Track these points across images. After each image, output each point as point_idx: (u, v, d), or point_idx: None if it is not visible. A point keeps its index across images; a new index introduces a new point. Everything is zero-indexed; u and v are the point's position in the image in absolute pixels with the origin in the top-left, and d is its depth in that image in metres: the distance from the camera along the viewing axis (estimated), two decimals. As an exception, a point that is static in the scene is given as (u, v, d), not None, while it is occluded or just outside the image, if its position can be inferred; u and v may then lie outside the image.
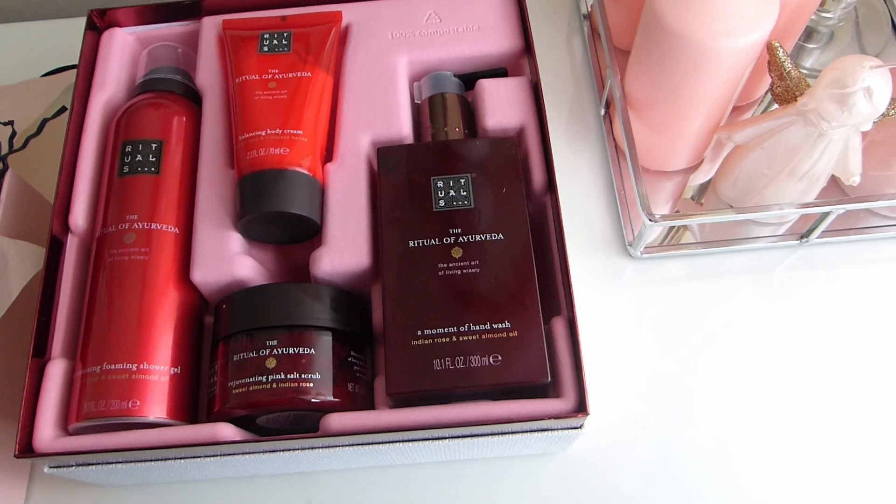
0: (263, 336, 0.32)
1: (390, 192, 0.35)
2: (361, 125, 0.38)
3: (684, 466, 0.38)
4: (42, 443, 0.31)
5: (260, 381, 0.31)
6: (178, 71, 0.40)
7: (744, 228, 0.43)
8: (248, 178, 0.35)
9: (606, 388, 0.39)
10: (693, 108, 0.39)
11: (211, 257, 0.35)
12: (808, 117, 0.35)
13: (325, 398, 0.32)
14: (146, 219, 0.35)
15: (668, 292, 0.42)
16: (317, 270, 0.35)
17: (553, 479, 0.38)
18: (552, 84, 0.48)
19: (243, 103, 0.37)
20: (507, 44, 0.41)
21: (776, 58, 0.37)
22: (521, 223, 0.34)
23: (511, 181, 0.35)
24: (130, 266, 0.34)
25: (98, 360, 0.32)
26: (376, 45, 0.40)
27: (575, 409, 0.31)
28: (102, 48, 0.41)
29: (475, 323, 0.32)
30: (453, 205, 0.34)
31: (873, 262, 0.42)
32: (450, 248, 0.33)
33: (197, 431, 0.31)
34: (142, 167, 0.36)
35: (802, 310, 0.41)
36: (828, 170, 0.38)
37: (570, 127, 0.47)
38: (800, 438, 0.38)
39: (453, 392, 0.31)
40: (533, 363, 0.31)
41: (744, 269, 0.42)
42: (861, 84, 0.33)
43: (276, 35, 0.39)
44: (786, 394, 0.39)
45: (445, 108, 0.39)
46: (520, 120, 0.38)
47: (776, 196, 0.40)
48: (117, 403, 0.32)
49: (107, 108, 0.39)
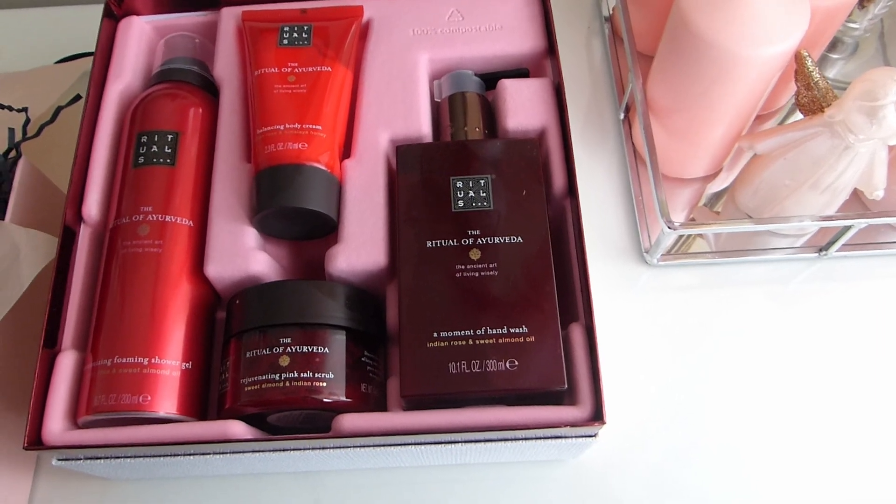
0: (277, 333, 0.32)
1: (409, 190, 0.35)
2: (381, 122, 0.38)
3: (696, 476, 0.37)
4: (51, 435, 0.31)
5: (273, 379, 0.31)
6: (196, 62, 0.40)
7: (761, 239, 0.42)
8: (265, 173, 0.35)
9: (619, 396, 0.38)
10: (717, 116, 0.39)
11: (225, 252, 0.34)
12: (834, 129, 0.35)
13: (337, 398, 0.31)
14: (160, 211, 0.35)
15: (684, 300, 0.41)
16: (332, 268, 0.35)
17: (563, 487, 0.37)
18: (570, 86, 0.47)
19: (262, 96, 0.36)
20: (529, 44, 0.40)
21: (804, 67, 0.36)
22: (540, 227, 0.34)
23: (531, 183, 0.35)
24: (144, 258, 0.34)
25: (109, 353, 0.32)
26: (397, 42, 0.40)
27: (591, 418, 0.31)
28: (119, 36, 0.40)
29: (492, 326, 0.31)
30: (472, 206, 0.34)
31: (892, 277, 0.42)
32: (468, 250, 0.33)
33: (207, 428, 0.31)
34: (157, 158, 0.36)
35: (818, 323, 0.41)
36: (852, 183, 0.37)
37: (588, 130, 0.47)
38: (812, 450, 0.38)
39: (468, 396, 0.31)
40: (549, 369, 0.31)
41: (760, 279, 0.42)
42: (892, 97, 0.32)
43: (297, 28, 0.39)
44: (799, 406, 0.39)
45: (466, 108, 0.38)
46: (541, 122, 0.38)
47: (797, 207, 0.39)
48: (128, 398, 0.31)
49: (122, 97, 0.39)
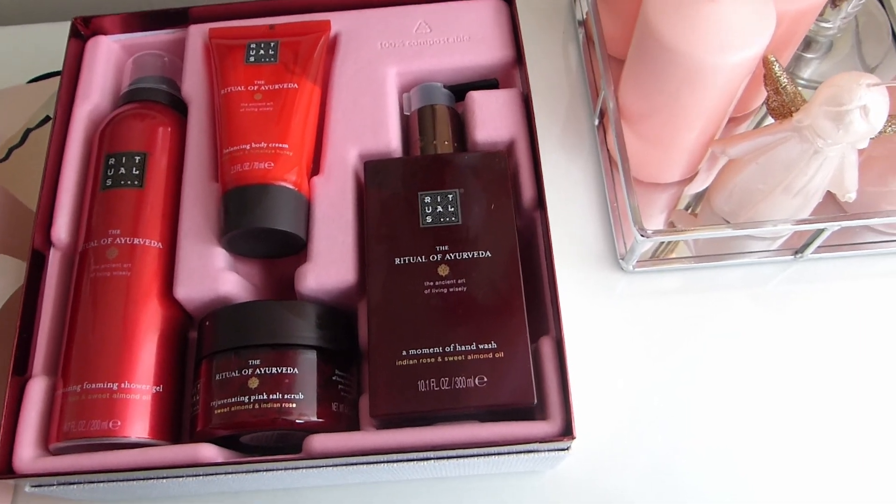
0: (246, 355, 0.32)
1: (377, 207, 0.35)
2: (349, 138, 0.37)
3: (676, 483, 0.37)
4: (22, 463, 0.31)
5: (242, 402, 0.31)
6: (164, 80, 0.39)
7: (738, 242, 0.42)
8: (232, 193, 0.35)
9: (597, 404, 0.38)
10: (687, 121, 0.39)
11: (195, 273, 0.34)
12: (803, 134, 0.35)
13: (308, 419, 0.31)
14: (129, 233, 0.34)
15: (661, 306, 0.41)
16: (302, 287, 0.34)
17: (541, 497, 0.37)
18: (546, 92, 0.47)
19: (228, 116, 0.36)
20: (498, 54, 0.40)
21: (772, 72, 0.36)
22: (509, 240, 0.33)
23: (500, 197, 0.34)
24: (113, 282, 0.34)
25: (79, 379, 0.32)
26: (365, 55, 0.40)
27: (561, 433, 0.30)
28: (87, 56, 0.40)
29: (461, 343, 0.31)
30: (440, 221, 0.34)
31: (868, 277, 0.42)
32: (436, 266, 0.33)
33: (178, 452, 0.31)
34: (125, 181, 0.35)
35: (796, 324, 0.41)
36: (823, 186, 0.37)
37: (564, 136, 0.46)
38: (794, 453, 0.38)
39: (438, 413, 0.31)
40: (519, 385, 0.31)
41: (738, 283, 0.42)
42: (857, 102, 0.32)
43: (263, 45, 0.38)
44: (779, 409, 0.39)
45: (435, 121, 0.38)
46: (510, 133, 0.37)
47: (771, 211, 0.39)
48: (98, 423, 0.31)
49: (91, 117, 0.39)
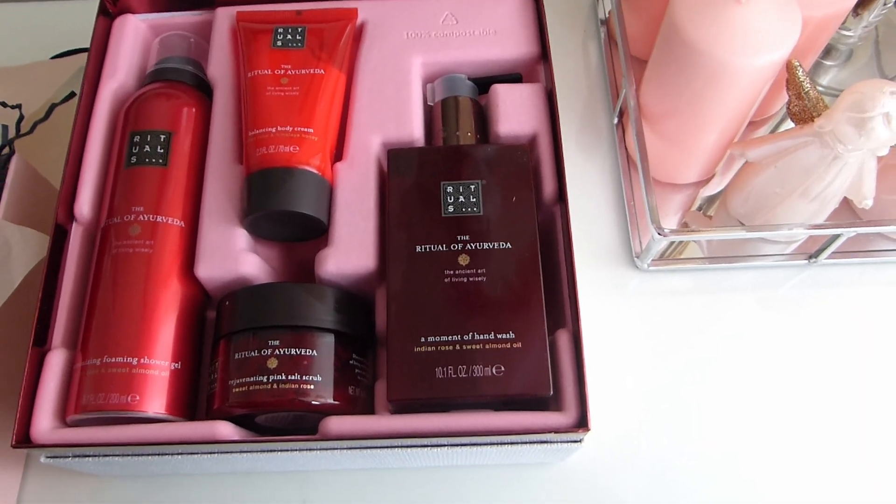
0: (266, 335, 0.32)
1: (399, 194, 0.35)
2: (373, 125, 0.38)
3: (685, 481, 0.38)
4: (39, 433, 0.31)
5: (261, 381, 0.31)
6: (190, 61, 0.40)
7: (752, 245, 0.43)
8: (256, 176, 0.35)
9: (608, 400, 0.39)
10: (708, 123, 0.39)
11: (216, 253, 0.35)
12: (824, 139, 0.35)
13: (324, 401, 0.32)
14: (152, 211, 0.35)
15: (674, 306, 0.42)
16: (322, 271, 0.35)
17: (550, 489, 0.38)
18: (566, 89, 0.47)
19: (254, 98, 0.36)
20: (523, 49, 0.40)
21: (795, 77, 0.36)
22: (529, 233, 0.34)
23: (521, 190, 0.35)
24: (134, 258, 0.34)
25: (99, 353, 0.32)
26: (391, 45, 0.40)
27: (576, 424, 0.31)
28: (114, 34, 0.40)
29: (479, 332, 0.32)
30: (462, 211, 0.34)
31: (881, 285, 0.42)
32: (457, 255, 0.33)
33: (195, 429, 0.31)
34: (149, 158, 0.36)
35: (808, 329, 0.41)
36: (841, 192, 0.37)
37: (582, 134, 0.47)
38: (803, 455, 0.38)
39: (454, 400, 0.31)
40: (535, 375, 0.31)
41: (750, 285, 0.42)
42: (880, 109, 0.32)
43: (290, 30, 0.39)
44: (789, 411, 0.39)
45: (458, 112, 0.38)
46: (533, 127, 0.38)
47: (787, 215, 0.39)
48: (116, 397, 0.31)
49: (116, 95, 0.39)
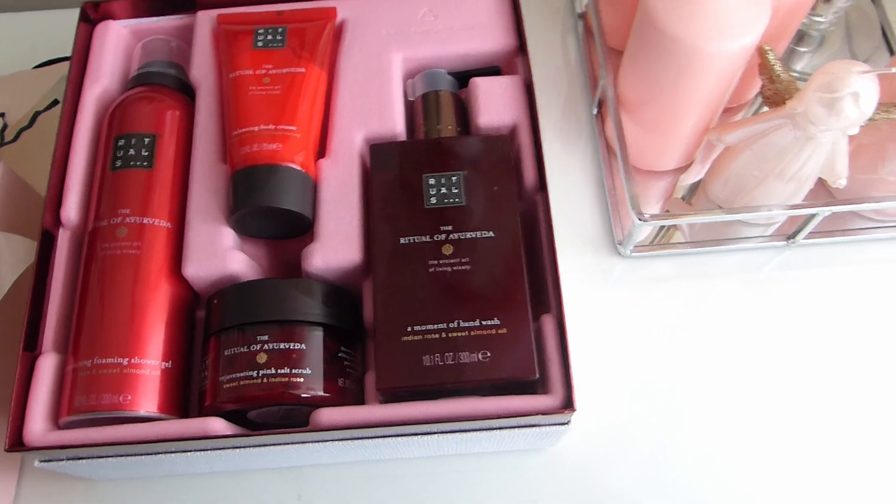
0: (254, 331, 0.32)
1: (382, 188, 0.35)
2: (355, 122, 0.38)
3: (673, 463, 0.38)
4: (33, 437, 0.32)
5: (250, 376, 0.32)
6: (173, 65, 0.40)
7: (733, 229, 0.43)
8: (240, 173, 0.35)
9: (595, 385, 0.39)
10: (684, 109, 0.40)
11: (203, 252, 0.35)
12: (796, 120, 0.36)
13: (315, 393, 0.32)
14: (138, 213, 0.35)
15: (657, 291, 0.42)
16: (308, 266, 0.35)
17: (542, 475, 0.38)
18: (546, 82, 0.48)
19: (237, 98, 0.37)
20: (501, 42, 0.41)
21: (766, 61, 0.37)
22: (511, 221, 0.34)
23: (503, 179, 0.35)
24: (122, 260, 0.34)
25: (89, 354, 0.33)
26: (371, 42, 0.40)
27: (562, 406, 0.31)
28: (96, 41, 0.41)
29: (465, 319, 0.32)
30: (445, 202, 0.35)
31: (858, 264, 0.43)
32: (440, 245, 0.34)
33: (187, 426, 0.32)
34: (134, 161, 0.36)
35: (789, 309, 0.42)
36: (815, 172, 0.38)
37: (563, 125, 0.47)
38: (787, 434, 0.39)
39: (442, 388, 0.32)
40: (521, 360, 0.32)
41: (732, 268, 0.43)
42: (849, 89, 0.33)
43: (271, 30, 0.39)
44: (772, 390, 0.40)
45: (439, 106, 0.39)
46: (512, 118, 0.38)
47: (765, 197, 0.40)
48: (108, 398, 0.32)
49: (100, 101, 0.39)
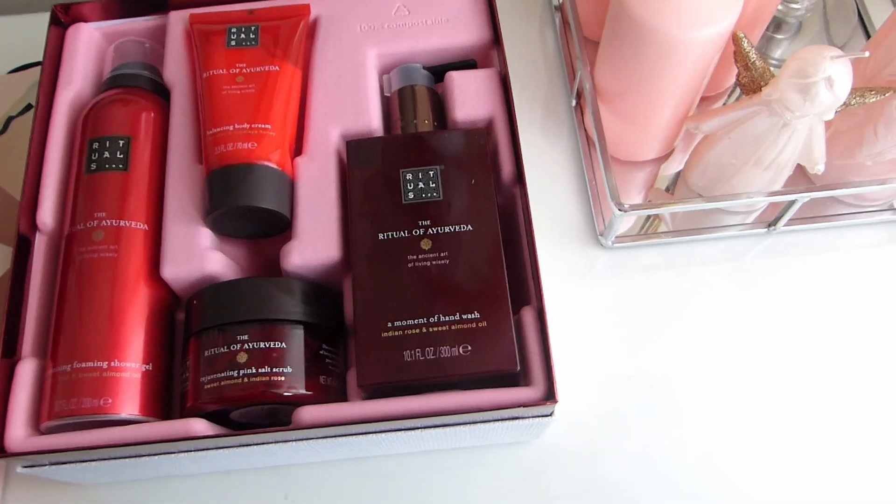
0: (234, 331, 0.32)
1: (360, 184, 0.35)
2: (331, 118, 0.38)
3: (658, 453, 0.38)
4: (14, 442, 0.31)
5: (231, 376, 0.32)
6: (146, 66, 0.40)
7: (714, 217, 0.44)
8: (216, 173, 0.35)
9: (579, 377, 0.39)
10: (661, 99, 0.40)
11: (181, 253, 0.35)
12: (772, 107, 0.36)
13: (296, 391, 0.32)
14: (115, 216, 0.35)
15: (639, 281, 0.42)
16: (287, 264, 0.35)
17: (527, 468, 0.38)
18: (524, 76, 0.48)
19: (211, 98, 0.37)
20: (475, 36, 0.41)
21: (741, 49, 0.37)
22: (489, 214, 0.34)
23: (480, 173, 0.35)
24: (100, 264, 0.34)
25: (69, 359, 0.32)
26: (345, 38, 0.40)
27: (544, 397, 0.31)
28: (68, 44, 0.40)
29: (445, 314, 0.32)
30: (422, 197, 0.35)
31: (839, 249, 0.43)
32: (419, 240, 0.34)
33: (169, 427, 0.31)
34: (109, 164, 0.36)
35: (772, 296, 0.42)
36: (793, 159, 0.38)
37: (543, 118, 0.47)
38: (772, 422, 0.39)
39: (424, 382, 0.32)
40: (502, 352, 0.32)
41: (714, 257, 0.43)
42: (822, 74, 0.33)
43: (244, 29, 0.39)
44: (758, 378, 0.40)
45: (415, 101, 0.39)
46: (489, 111, 0.38)
47: (744, 185, 0.40)
48: (89, 401, 0.32)
49: (73, 104, 0.39)
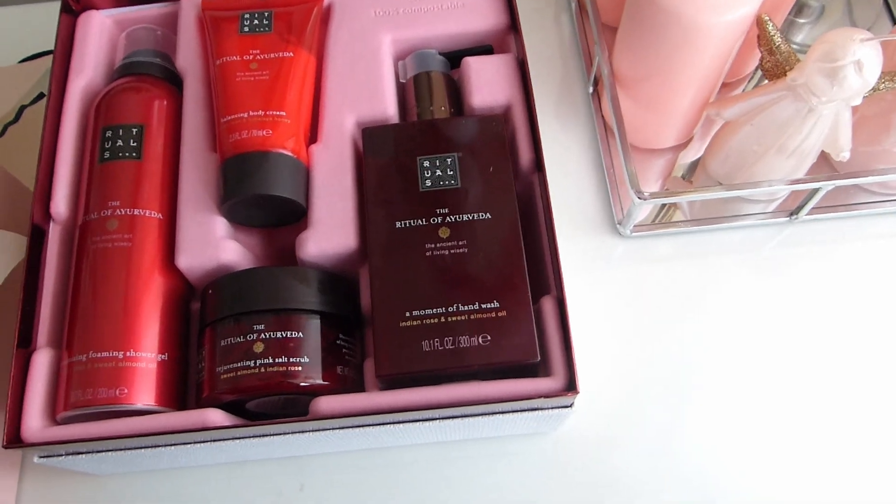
0: (250, 320, 0.32)
1: (376, 172, 0.35)
2: (346, 105, 0.37)
3: (676, 444, 0.38)
4: (30, 433, 0.31)
5: (248, 366, 0.31)
6: (158, 54, 0.39)
7: (733, 206, 0.43)
8: (231, 161, 0.35)
9: (597, 367, 0.39)
10: (682, 85, 0.39)
11: (196, 242, 0.34)
12: (797, 92, 0.35)
13: (313, 381, 0.32)
14: (129, 205, 0.34)
15: (658, 271, 0.42)
16: (303, 253, 0.35)
17: (545, 459, 0.38)
18: (540, 62, 0.47)
19: (224, 85, 0.36)
20: (492, 21, 0.40)
21: (766, 32, 0.36)
22: (508, 202, 0.34)
23: (498, 160, 0.35)
24: (114, 253, 0.34)
25: (84, 349, 0.32)
26: (359, 24, 0.40)
27: (564, 388, 0.31)
28: (79, 32, 0.40)
29: (464, 303, 0.32)
30: (440, 184, 0.34)
31: (862, 239, 0.42)
32: (437, 229, 0.33)
33: (186, 418, 0.31)
34: (123, 152, 0.35)
35: (792, 287, 0.41)
36: (817, 145, 0.38)
37: (559, 105, 0.47)
38: (791, 413, 0.38)
39: (443, 373, 0.31)
40: (522, 342, 0.31)
41: (733, 246, 0.42)
42: (851, 57, 0.32)
43: (257, 15, 0.38)
44: (776, 370, 0.39)
45: (431, 87, 0.38)
46: (506, 98, 0.38)
47: (765, 173, 0.39)
48: (104, 391, 0.31)
49: (85, 93, 0.39)
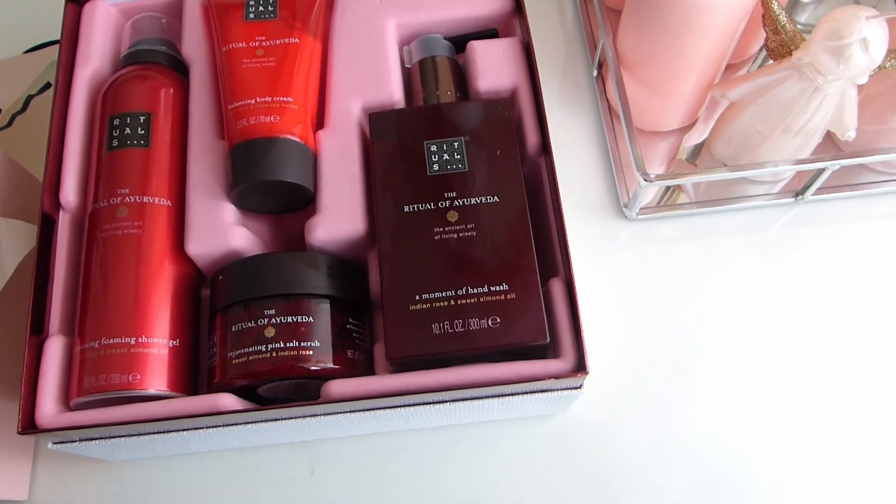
0: (261, 305, 0.32)
1: (383, 157, 0.35)
2: (352, 91, 0.38)
3: (683, 426, 0.38)
4: (44, 419, 0.32)
5: (259, 351, 0.31)
6: (164, 42, 0.39)
7: (739, 187, 0.43)
8: (238, 148, 0.35)
9: (605, 350, 0.39)
10: (686, 66, 0.39)
11: (205, 229, 0.35)
12: (803, 71, 0.35)
13: (324, 365, 0.32)
14: (138, 192, 0.35)
15: (664, 253, 0.42)
16: (312, 239, 0.35)
17: (554, 441, 0.38)
18: (544, 46, 0.47)
19: (231, 72, 0.36)
20: (496, 4, 0.40)
21: (771, 11, 0.36)
22: (516, 185, 0.34)
23: (505, 143, 0.35)
24: (124, 240, 0.34)
25: (96, 335, 0.32)
26: (364, 9, 0.40)
27: (574, 369, 0.31)
28: (85, 21, 0.40)
29: (473, 286, 0.32)
30: (447, 168, 0.34)
31: (868, 219, 0.42)
32: (445, 212, 0.33)
33: (198, 402, 0.31)
34: (131, 140, 0.36)
35: (798, 268, 0.41)
36: (823, 125, 0.38)
37: (563, 88, 0.47)
38: (797, 395, 0.38)
39: (453, 355, 0.31)
40: (531, 324, 0.31)
41: (739, 228, 0.42)
42: (857, 35, 0.32)
43: (262, 1, 0.38)
44: (782, 350, 0.39)
45: (436, 72, 0.38)
46: (512, 81, 0.38)
47: (771, 153, 0.39)
48: (117, 377, 0.32)
49: (92, 82, 0.39)
